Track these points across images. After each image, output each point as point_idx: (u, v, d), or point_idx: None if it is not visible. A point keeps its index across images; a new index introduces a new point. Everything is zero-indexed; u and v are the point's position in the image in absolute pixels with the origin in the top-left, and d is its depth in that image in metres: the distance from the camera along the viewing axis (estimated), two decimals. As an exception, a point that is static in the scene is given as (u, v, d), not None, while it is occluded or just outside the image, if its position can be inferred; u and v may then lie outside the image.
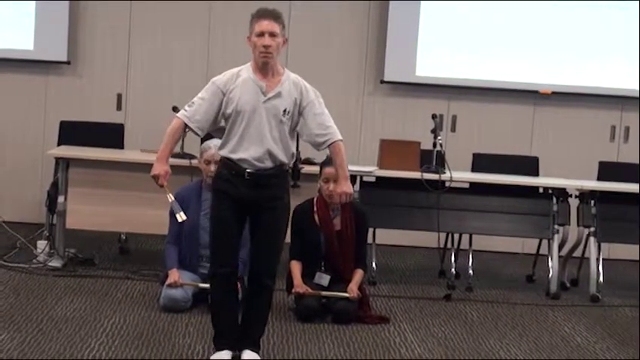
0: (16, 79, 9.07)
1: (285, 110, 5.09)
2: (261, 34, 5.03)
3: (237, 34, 8.73)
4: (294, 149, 5.27)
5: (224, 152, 5.15)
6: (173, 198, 5.30)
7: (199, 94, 5.16)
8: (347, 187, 5.27)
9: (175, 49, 9.10)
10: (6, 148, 9.00)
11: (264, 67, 5.10)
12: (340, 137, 5.20)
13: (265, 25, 5.03)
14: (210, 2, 9.08)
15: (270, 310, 5.40)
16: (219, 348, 5.22)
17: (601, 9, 9.24)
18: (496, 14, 9.24)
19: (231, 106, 5.07)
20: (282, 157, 5.14)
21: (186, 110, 5.15)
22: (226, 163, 5.16)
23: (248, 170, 5.08)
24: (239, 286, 5.42)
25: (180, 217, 5.28)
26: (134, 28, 9.13)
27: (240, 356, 5.21)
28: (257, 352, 5.27)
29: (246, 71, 5.14)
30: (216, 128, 5.25)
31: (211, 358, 5.18)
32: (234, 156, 5.10)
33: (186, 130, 5.18)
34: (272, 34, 5.03)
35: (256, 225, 5.24)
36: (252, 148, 5.08)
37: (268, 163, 5.10)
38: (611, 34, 9.27)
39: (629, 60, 9.27)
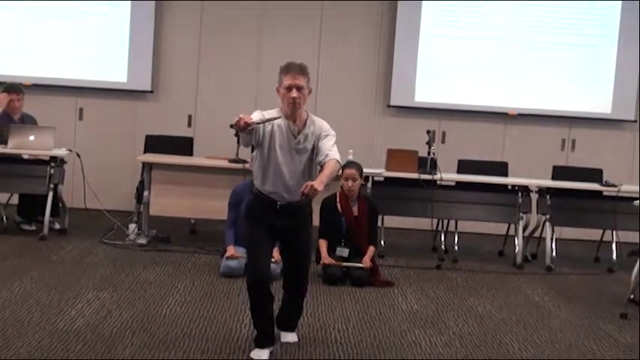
0: (115, 104, 9.15)
1: (312, 148, 4.46)
2: (289, 88, 4.40)
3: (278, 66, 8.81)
4: None
5: (257, 185, 4.52)
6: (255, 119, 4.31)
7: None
8: (316, 184, 4.19)
9: (231, 81, 9.14)
10: (106, 155, 9.07)
11: (293, 114, 4.43)
12: (336, 157, 4.40)
13: (292, 79, 4.40)
14: (259, 43, 9.13)
15: (304, 302, 4.89)
16: (259, 346, 4.56)
17: (556, 49, 9.23)
18: (474, 55, 9.22)
19: (265, 140, 4.43)
20: None
21: None
22: (259, 196, 4.50)
23: (280, 203, 4.46)
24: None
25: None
26: (201, 66, 9.18)
27: (280, 337, 4.80)
28: (295, 334, 4.88)
29: (278, 115, 4.43)
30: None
31: (251, 355, 4.51)
32: (267, 190, 4.47)
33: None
34: (299, 88, 4.39)
35: (287, 249, 4.70)
36: (283, 184, 4.44)
37: (298, 197, 4.33)
38: (562, 69, 9.24)
39: (574, 88, 9.24)
